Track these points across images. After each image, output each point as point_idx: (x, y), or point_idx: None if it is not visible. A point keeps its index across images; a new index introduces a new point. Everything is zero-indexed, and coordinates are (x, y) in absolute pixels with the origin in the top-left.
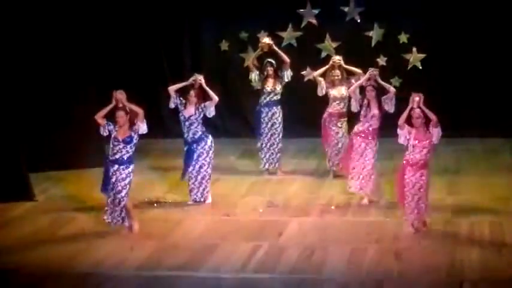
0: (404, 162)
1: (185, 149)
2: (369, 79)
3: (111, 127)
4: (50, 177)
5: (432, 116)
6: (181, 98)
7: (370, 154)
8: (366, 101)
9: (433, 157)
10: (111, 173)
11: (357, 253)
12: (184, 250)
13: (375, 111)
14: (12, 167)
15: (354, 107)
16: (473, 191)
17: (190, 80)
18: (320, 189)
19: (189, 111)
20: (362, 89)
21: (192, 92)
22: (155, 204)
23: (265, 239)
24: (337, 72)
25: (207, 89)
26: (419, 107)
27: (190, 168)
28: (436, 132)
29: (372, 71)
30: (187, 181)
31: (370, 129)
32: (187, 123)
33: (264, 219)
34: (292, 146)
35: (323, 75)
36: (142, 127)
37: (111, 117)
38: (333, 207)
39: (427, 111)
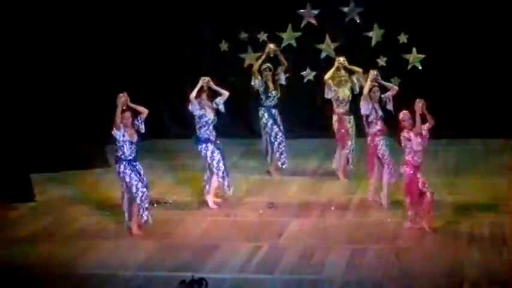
0: (409, 168)
1: (212, 149)
2: (372, 80)
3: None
4: (50, 178)
5: (431, 120)
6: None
7: (386, 151)
8: (372, 103)
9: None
10: (136, 170)
11: (356, 254)
12: (184, 250)
13: (381, 112)
14: (13, 168)
15: (366, 110)
16: (473, 191)
17: (200, 83)
18: (320, 189)
19: (210, 113)
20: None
21: (204, 95)
22: (155, 205)
23: (266, 240)
24: (343, 72)
25: (216, 88)
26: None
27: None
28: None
29: (374, 73)
30: (220, 178)
31: (381, 128)
32: (211, 125)
33: (264, 219)
34: (292, 146)
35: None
36: (142, 126)
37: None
38: (333, 207)
39: (427, 115)
